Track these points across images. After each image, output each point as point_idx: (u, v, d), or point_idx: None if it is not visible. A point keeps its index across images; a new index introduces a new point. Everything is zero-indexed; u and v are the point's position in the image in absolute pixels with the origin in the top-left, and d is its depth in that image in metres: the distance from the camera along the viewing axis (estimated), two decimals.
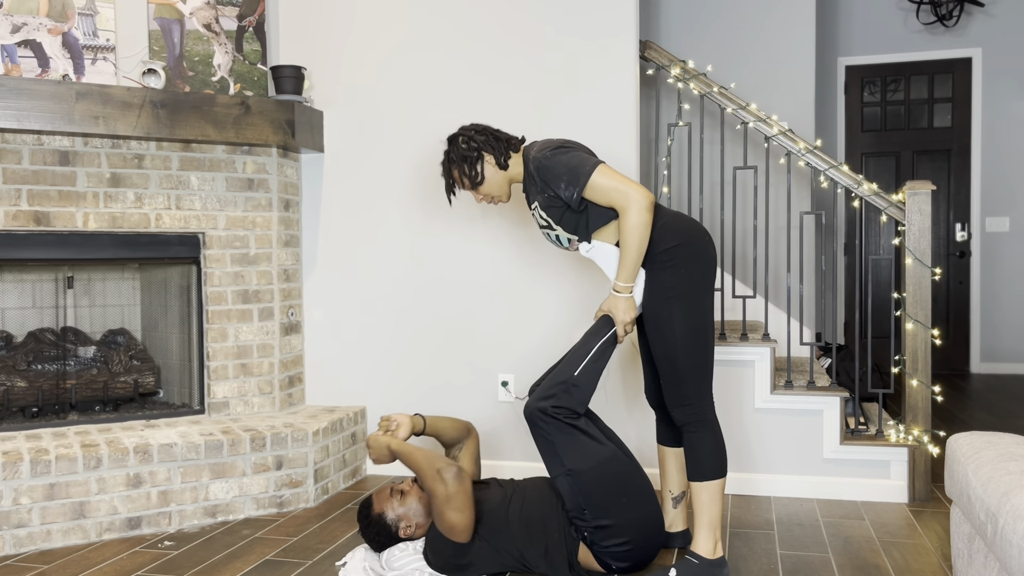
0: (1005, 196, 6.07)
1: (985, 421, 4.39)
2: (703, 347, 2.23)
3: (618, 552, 2.25)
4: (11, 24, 2.96)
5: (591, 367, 2.25)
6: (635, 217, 2.18)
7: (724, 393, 3.14)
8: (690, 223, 2.29)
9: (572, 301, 3.25)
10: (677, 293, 2.21)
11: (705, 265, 2.25)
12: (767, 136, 3.18)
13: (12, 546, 2.60)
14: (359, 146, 3.45)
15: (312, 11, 3.48)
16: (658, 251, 2.23)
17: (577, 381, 2.23)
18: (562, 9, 3.22)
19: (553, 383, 2.24)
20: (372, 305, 3.47)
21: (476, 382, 3.37)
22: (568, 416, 2.22)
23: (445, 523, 2.20)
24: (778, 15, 4.35)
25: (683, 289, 2.21)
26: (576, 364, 2.25)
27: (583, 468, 2.21)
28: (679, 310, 2.21)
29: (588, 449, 2.22)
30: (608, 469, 2.23)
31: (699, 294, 2.23)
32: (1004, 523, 1.47)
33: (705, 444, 2.24)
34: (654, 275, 2.24)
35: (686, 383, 2.23)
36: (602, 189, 2.21)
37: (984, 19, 6.04)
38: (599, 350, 2.26)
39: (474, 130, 2.40)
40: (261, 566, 2.46)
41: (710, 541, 2.24)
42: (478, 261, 3.34)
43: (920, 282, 3.01)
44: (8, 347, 3.20)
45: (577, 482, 2.22)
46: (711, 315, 2.26)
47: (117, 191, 3.03)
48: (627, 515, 2.24)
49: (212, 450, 2.87)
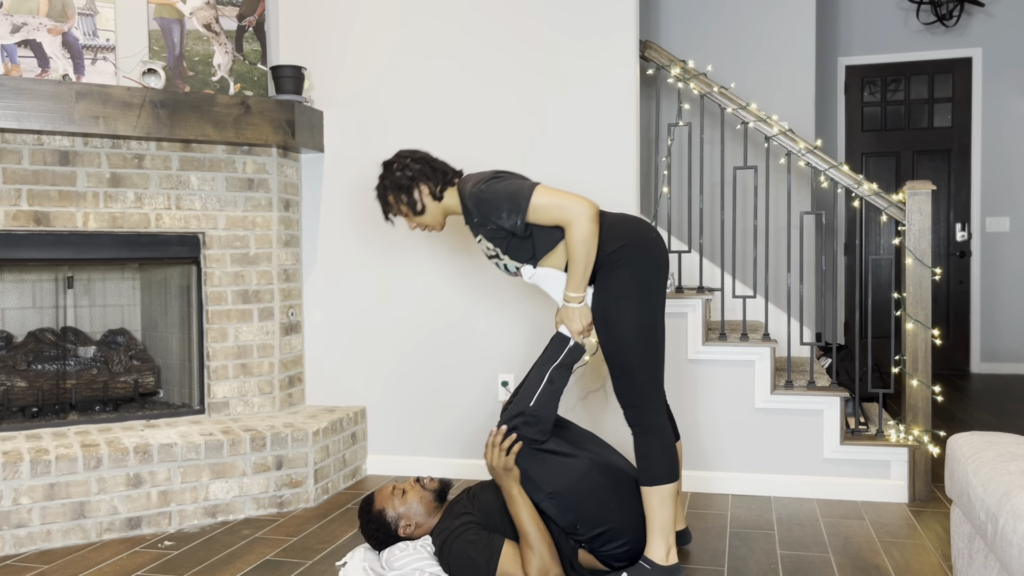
0: (1005, 196, 6.07)
1: (985, 421, 4.39)
2: (652, 348, 2.21)
3: (619, 553, 2.25)
4: (11, 24, 2.95)
5: (547, 394, 2.24)
6: (580, 230, 2.17)
7: (724, 393, 3.15)
8: (637, 223, 2.28)
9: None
10: (625, 293, 2.20)
11: (652, 265, 2.23)
12: (767, 136, 3.18)
13: (12, 546, 2.60)
14: (359, 146, 3.45)
15: (312, 11, 3.48)
16: (605, 253, 2.22)
17: (534, 411, 2.22)
18: (562, 9, 3.22)
19: (511, 414, 2.24)
20: (372, 305, 3.47)
21: (476, 382, 3.37)
22: (530, 444, 2.21)
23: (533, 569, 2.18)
24: (778, 15, 4.35)
25: (631, 290, 2.20)
26: (531, 394, 2.24)
27: (563, 488, 2.20)
28: (627, 310, 2.19)
29: (563, 468, 2.21)
30: (589, 481, 2.22)
31: (648, 295, 2.22)
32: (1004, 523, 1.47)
33: (654, 449, 2.22)
34: (602, 276, 2.24)
35: (635, 384, 2.22)
36: (544, 208, 2.19)
37: (984, 19, 6.04)
38: (552, 375, 2.26)
39: (411, 158, 2.38)
40: (261, 566, 2.46)
41: (662, 547, 2.21)
42: (478, 260, 3.34)
43: (920, 282, 3.01)
44: (8, 347, 3.20)
45: (562, 503, 2.21)
46: (661, 316, 2.24)
47: (117, 191, 3.03)
48: (619, 517, 2.23)
49: (212, 450, 2.87)
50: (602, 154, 3.21)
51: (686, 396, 3.17)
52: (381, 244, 3.45)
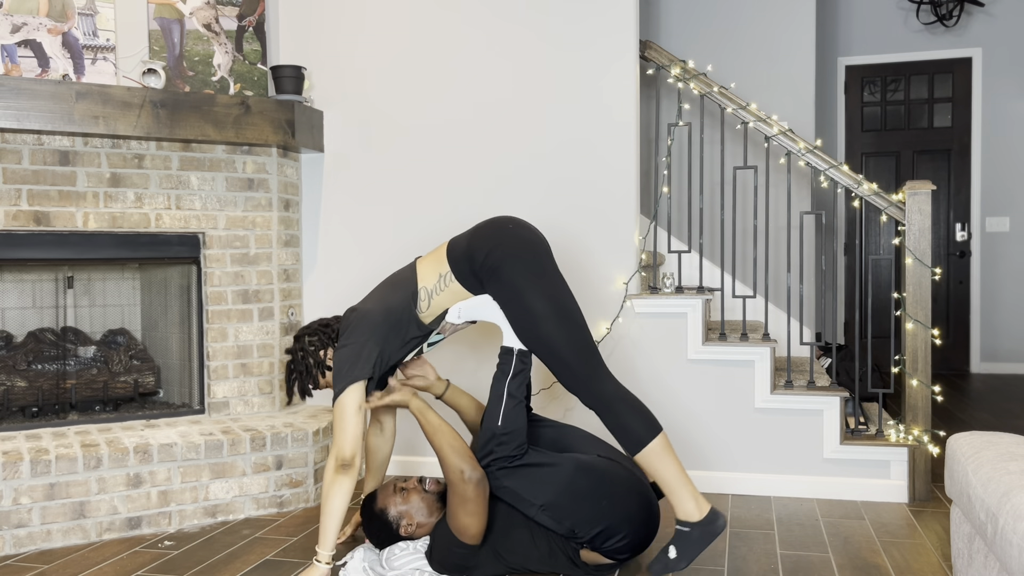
0: (1005, 196, 6.07)
1: (985, 421, 4.39)
2: (570, 321, 2.22)
3: (620, 547, 2.25)
4: (11, 24, 2.96)
5: (510, 408, 2.25)
6: (328, 475, 2.22)
7: (724, 393, 3.15)
8: (489, 223, 2.31)
9: None
10: (518, 286, 2.22)
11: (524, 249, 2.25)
12: (767, 136, 3.18)
13: (12, 546, 2.60)
14: (359, 146, 3.45)
15: (312, 11, 3.48)
16: (478, 264, 2.25)
17: (504, 429, 2.23)
18: (562, 10, 3.22)
19: (483, 439, 2.25)
20: None
21: (475, 382, 3.36)
22: (510, 462, 2.22)
23: (457, 523, 2.19)
24: (778, 15, 4.35)
25: (520, 280, 2.22)
26: (496, 414, 2.25)
27: (553, 498, 2.20)
28: (529, 299, 2.21)
29: (549, 478, 2.21)
30: (578, 484, 2.21)
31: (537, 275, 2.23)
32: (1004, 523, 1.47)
33: (622, 415, 2.19)
34: (490, 286, 2.26)
35: (571, 363, 2.20)
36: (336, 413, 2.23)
37: (984, 19, 6.04)
38: (509, 389, 2.27)
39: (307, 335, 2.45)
40: (261, 566, 2.46)
41: (688, 502, 2.16)
42: None
43: (920, 282, 3.01)
44: (8, 347, 3.20)
45: (555, 512, 2.21)
46: (564, 289, 2.25)
47: (117, 191, 3.03)
48: (616, 513, 2.23)
49: (212, 450, 2.87)
50: (602, 154, 3.21)
51: (686, 396, 3.17)
52: (381, 244, 3.45)
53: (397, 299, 2.32)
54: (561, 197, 3.25)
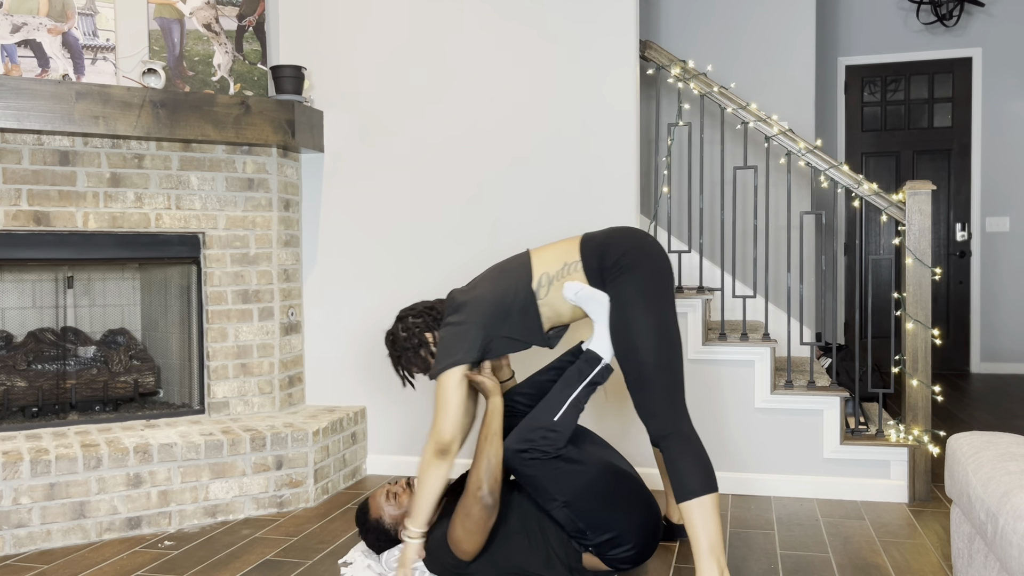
0: (1005, 196, 6.07)
1: (985, 421, 4.39)
2: (668, 349, 2.15)
3: (627, 556, 2.25)
4: (11, 24, 2.95)
5: (571, 410, 2.23)
6: (425, 456, 2.20)
7: (724, 393, 3.15)
8: (633, 231, 2.28)
9: None
10: (632, 299, 2.16)
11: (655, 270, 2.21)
12: (767, 136, 3.18)
13: (12, 546, 2.60)
14: (359, 146, 3.45)
15: (312, 11, 3.48)
16: (608, 263, 2.20)
17: (556, 426, 2.21)
18: (562, 10, 3.22)
19: (532, 427, 2.22)
20: (372, 305, 3.47)
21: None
22: (548, 457, 2.21)
23: (454, 533, 2.18)
24: (778, 15, 4.35)
25: (638, 295, 2.17)
26: (556, 408, 2.23)
27: (574, 496, 2.19)
28: (637, 314, 2.15)
29: (575, 477, 2.20)
30: (599, 487, 2.21)
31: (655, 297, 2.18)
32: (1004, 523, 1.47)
33: (686, 458, 2.09)
34: (614, 286, 2.20)
35: (655, 389, 2.13)
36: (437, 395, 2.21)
37: (984, 19, 6.04)
38: (581, 393, 2.24)
39: (411, 316, 2.39)
40: (261, 566, 2.46)
41: (714, 569, 2.03)
42: (478, 260, 3.34)
43: (920, 282, 3.01)
44: (8, 347, 3.20)
45: (575, 511, 2.20)
46: (673, 320, 2.19)
47: (117, 191, 3.03)
48: (627, 522, 2.23)
49: (212, 450, 2.87)
50: (602, 154, 3.21)
51: (686, 396, 3.17)
52: (381, 244, 3.45)
53: (510, 285, 2.26)
54: (561, 196, 3.25)
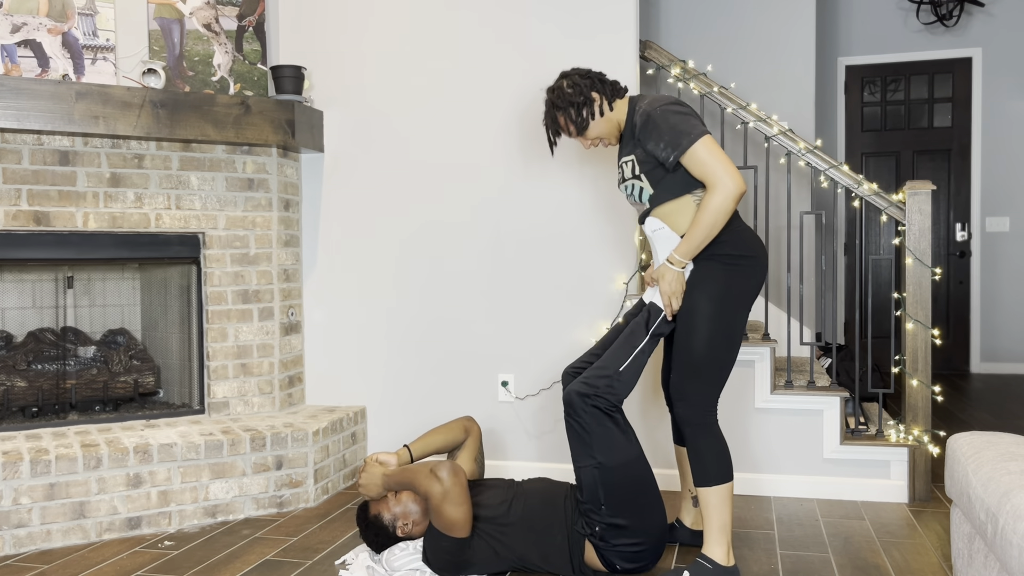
0: (1005, 196, 6.07)
1: (985, 421, 4.39)
2: (726, 350, 2.22)
3: (628, 553, 2.25)
4: (11, 24, 2.95)
5: (636, 361, 2.24)
6: (719, 201, 2.14)
7: (724, 393, 3.14)
8: (762, 244, 2.30)
9: (571, 301, 3.25)
10: (725, 295, 2.21)
11: (756, 286, 2.26)
12: (767, 136, 3.18)
13: (12, 546, 2.60)
14: (359, 146, 3.45)
15: (312, 11, 3.48)
16: (729, 253, 2.22)
17: (622, 376, 2.22)
18: (562, 9, 3.22)
19: (598, 374, 2.22)
20: (372, 305, 3.47)
21: (476, 382, 3.37)
22: (608, 408, 2.21)
23: (444, 520, 2.19)
24: (778, 15, 4.35)
25: (733, 294, 2.21)
26: (623, 357, 2.23)
27: (611, 463, 2.20)
28: (719, 309, 2.20)
29: (619, 444, 2.21)
30: (634, 469, 2.22)
31: (742, 305, 2.23)
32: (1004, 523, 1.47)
33: (710, 448, 2.22)
34: (715, 270, 2.22)
35: (698, 379, 2.21)
36: (700, 161, 2.16)
37: (984, 19, 6.04)
38: (646, 345, 2.25)
39: (578, 75, 2.35)
40: (261, 566, 2.46)
41: (723, 546, 2.22)
42: (478, 261, 3.34)
43: (920, 282, 3.01)
44: (8, 347, 3.20)
45: (603, 476, 2.20)
46: (742, 321, 2.25)
47: (117, 191, 3.03)
48: (642, 517, 2.23)
49: (212, 450, 2.87)
50: (602, 154, 3.21)
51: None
52: (381, 244, 3.45)
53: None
54: (561, 196, 3.25)
